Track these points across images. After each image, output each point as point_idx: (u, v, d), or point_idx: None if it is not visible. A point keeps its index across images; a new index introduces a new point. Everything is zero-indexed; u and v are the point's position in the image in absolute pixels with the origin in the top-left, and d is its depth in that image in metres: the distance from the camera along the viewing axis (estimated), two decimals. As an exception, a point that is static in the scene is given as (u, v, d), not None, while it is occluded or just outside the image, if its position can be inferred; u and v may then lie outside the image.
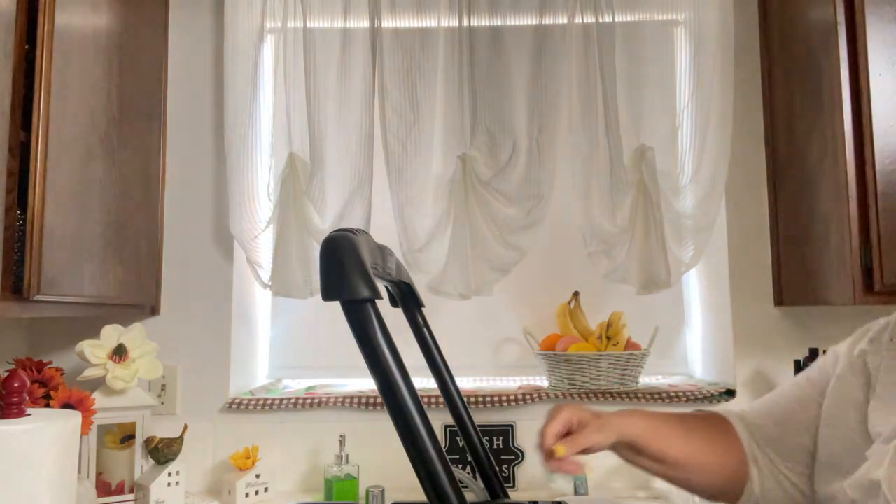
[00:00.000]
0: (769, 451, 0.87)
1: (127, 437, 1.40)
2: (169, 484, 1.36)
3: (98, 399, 1.33)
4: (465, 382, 1.73)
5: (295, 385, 1.78)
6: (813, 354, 1.49)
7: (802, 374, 0.91)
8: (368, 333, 0.49)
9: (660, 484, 1.47)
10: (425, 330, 0.99)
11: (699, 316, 1.77)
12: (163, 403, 1.56)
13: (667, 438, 0.86)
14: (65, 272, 1.15)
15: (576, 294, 1.73)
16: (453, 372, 1.00)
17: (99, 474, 1.37)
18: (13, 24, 1.03)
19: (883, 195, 1.24)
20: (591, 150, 1.57)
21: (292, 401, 1.58)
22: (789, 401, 0.88)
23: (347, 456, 1.49)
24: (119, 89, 1.36)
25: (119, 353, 1.36)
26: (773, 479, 0.85)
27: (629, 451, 0.87)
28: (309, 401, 1.58)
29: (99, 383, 1.36)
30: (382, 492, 1.45)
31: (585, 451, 0.82)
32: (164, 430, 1.46)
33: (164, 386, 1.58)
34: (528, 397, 1.58)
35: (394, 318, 0.70)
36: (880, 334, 0.81)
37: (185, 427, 1.44)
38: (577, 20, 1.59)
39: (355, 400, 1.58)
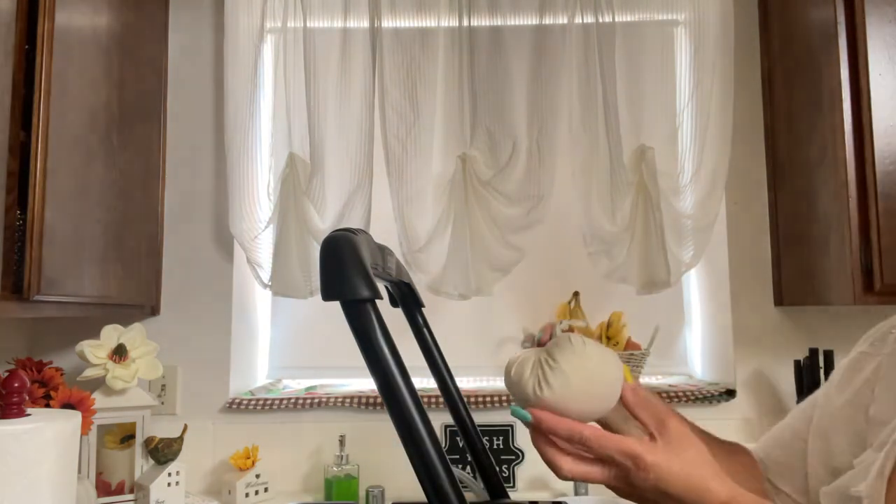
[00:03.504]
0: (781, 483, 0.79)
1: (127, 437, 1.40)
2: (169, 484, 1.36)
3: (98, 399, 1.32)
4: (465, 382, 1.73)
5: (295, 385, 1.77)
6: (813, 354, 1.48)
7: (806, 401, 0.84)
8: (368, 333, 0.49)
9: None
10: (425, 330, 0.99)
11: (699, 316, 1.77)
12: (163, 403, 1.56)
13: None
14: (65, 272, 1.15)
15: (576, 294, 1.72)
16: (453, 372, 1.00)
17: (99, 474, 1.37)
18: (13, 24, 1.03)
19: (883, 195, 1.24)
20: (591, 151, 1.57)
21: (292, 401, 1.58)
22: (796, 427, 0.81)
23: (347, 456, 1.49)
24: (119, 89, 1.36)
25: (119, 353, 1.36)
26: None
27: None
28: (309, 401, 1.58)
29: (99, 383, 1.36)
30: (382, 492, 1.45)
31: None
32: (164, 430, 1.46)
33: (164, 386, 1.58)
34: (528, 397, 1.57)
35: (394, 318, 0.70)
36: (886, 335, 0.75)
37: (185, 427, 1.44)
38: (577, 20, 1.59)
39: (355, 400, 1.58)
